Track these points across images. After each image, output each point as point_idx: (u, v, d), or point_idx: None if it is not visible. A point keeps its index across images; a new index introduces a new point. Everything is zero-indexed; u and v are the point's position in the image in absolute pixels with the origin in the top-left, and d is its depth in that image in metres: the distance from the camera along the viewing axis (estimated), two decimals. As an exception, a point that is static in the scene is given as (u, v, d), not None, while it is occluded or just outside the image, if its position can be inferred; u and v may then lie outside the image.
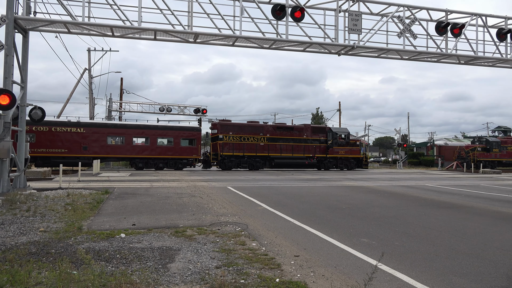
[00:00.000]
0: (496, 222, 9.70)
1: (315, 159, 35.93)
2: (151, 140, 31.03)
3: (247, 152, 33.43)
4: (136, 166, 31.00)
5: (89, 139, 29.26)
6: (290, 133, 35.67)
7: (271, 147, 34.24)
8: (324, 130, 37.60)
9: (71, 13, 14.32)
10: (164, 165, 31.63)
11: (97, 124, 30.73)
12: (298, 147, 35.29)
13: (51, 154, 28.05)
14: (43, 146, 27.90)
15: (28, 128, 27.35)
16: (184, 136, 32.00)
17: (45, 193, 13.20)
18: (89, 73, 38.36)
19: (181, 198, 13.06)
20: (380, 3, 17.79)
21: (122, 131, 30.49)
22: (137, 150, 30.90)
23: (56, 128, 28.46)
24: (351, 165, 37.49)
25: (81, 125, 29.37)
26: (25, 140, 14.80)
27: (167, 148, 31.54)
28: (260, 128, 34.80)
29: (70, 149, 28.59)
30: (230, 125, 34.13)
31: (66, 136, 28.62)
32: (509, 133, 60.01)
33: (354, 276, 5.32)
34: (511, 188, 19.62)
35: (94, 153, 29.13)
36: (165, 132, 31.69)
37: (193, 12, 15.51)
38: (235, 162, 33.41)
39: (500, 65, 20.62)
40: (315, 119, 67.13)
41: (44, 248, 6.37)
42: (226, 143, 32.84)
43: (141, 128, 31.23)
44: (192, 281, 4.96)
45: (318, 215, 10.20)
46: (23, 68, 14.42)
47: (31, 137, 27.11)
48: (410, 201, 13.72)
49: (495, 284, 5.08)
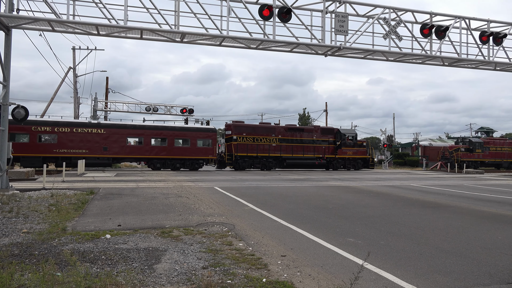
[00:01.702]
0: (479, 221, 9.88)
1: (324, 160, 36.86)
2: (169, 141, 31.55)
3: (260, 152, 34.22)
4: (154, 166, 31.44)
5: (109, 140, 29.67)
6: (301, 134, 36.58)
7: (283, 147, 35.11)
8: (332, 132, 38.51)
9: (56, 11, 14.10)
10: (181, 165, 32.18)
11: (117, 125, 31.04)
12: (309, 148, 36.28)
13: (72, 155, 28.46)
14: (64, 146, 28.39)
15: (49, 129, 28.04)
16: (200, 137, 32.53)
17: (28, 193, 12.97)
18: (73, 72, 37.85)
19: (167, 198, 12.97)
20: (366, 5, 17.95)
21: (141, 132, 30.93)
22: (155, 150, 31.30)
23: (78, 129, 28.93)
24: (358, 165, 38.53)
25: (101, 126, 29.83)
26: (7, 139, 14.49)
27: (184, 149, 32.02)
28: (272, 129, 35.76)
29: (91, 149, 29.02)
30: (244, 127, 34.87)
31: (87, 137, 29.05)
32: (492, 134, 61.18)
33: (341, 275, 5.36)
34: (494, 188, 20.02)
35: (114, 153, 29.68)
36: (183, 133, 32.27)
37: (180, 12, 15.43)
38: (249, 163, 34.17)
39: (482, 67, 21.04)
40: (302, 119, 67.33)
41: (27, 250, 6.26)
42: (240, 144, 33.50)
43: (160, 129, 31.78)
44: (179, 282, 4.93)
45: (305, 215, 10.25)
46: (6, 67, 14.13)
47: (53, 138, 28.14)
48: (395, 201, 13.88)
49: (477, 282, 5.18)
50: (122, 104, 39.67)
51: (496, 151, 45.48)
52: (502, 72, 23.06)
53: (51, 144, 28.25)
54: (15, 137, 27.20)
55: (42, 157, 27.65)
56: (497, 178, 30.15)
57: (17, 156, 26.86)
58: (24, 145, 27.46)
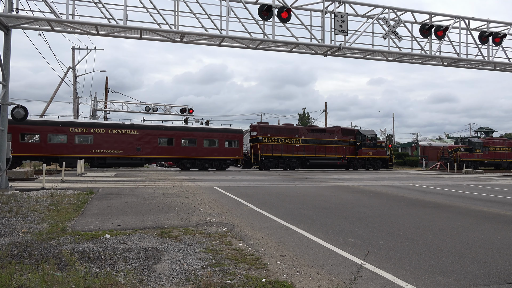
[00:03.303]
0: (479, 221, 9.88)
1: (346, 160, 37.60)
2: (198, 141, 32.33)
3: (285, 153, 34.94)
4: (184, 166, 32.19)
5: (142, 141, 30.40)
6: (322, 135, 37.25)
7: (306, 148, 35.78)
8: (353, 132, 39.26)
9: (55, 10, 14.10)
10: (210, 165, 32.88)
11: (150, 126, 31.75)
12: (330, 148, 37.01)
13: (107, 155, 29.30)
14: (100, 147, 29.13)
15: (86, 130, 28.82)
16: (228, 138, 33.27)
17: (28, 193, 12.96)
18: (73, 71, 37.83)
19: (167, 198, 12.97)
20: (365, 5, 17.96)
21: (172, 133, 31.64)
22: (186, 151, 31.99)
23: (112, 130, 29.61)
24: (378, 166, 39.23)
25: (134, 127, 30.51)
26: (6, 139, 14.48)
27: (212, 149, 32.77)
28: (296, 130, 36.59)
29: (124, 150, 29.77)
30: (268, 128, 35.68)
31: (121, 137, 29.74)
32: (491, 134, 61.25)
33: (340, 275, 5.36)
34: (493, 188, 20.03)
35: (147, 154, 30.52)
36: (211, 134, 32.95)
37: (179, 12, 15.43)
38: (273, 163, 34.83)
39: (482, 67, 21.05)
40: (302, 119, 67.36)
41: (26, 250, 6.26)
42: (265, 145, 34.25)
43: (189, 131, 32.64)
44: (178, 282, 4.93)
45: (305, 215, 10.25)
46: (5, 67, 14.12)
47: (89, 139, 28.90)
48: (394, 200, 13.88)
49: (477, 282, 5.18)
50: (122, 104, 39.69)
51: (495, 151, 45.49)
52: (501, 72, 23.09)
53: (87, 144, 29.13)
54: (53, 138, 28.19)
55: (79, 157, 28.49)
56: (497, 178, 30.17)
57: (56, 156, 27.89)
58: (62, 145, 28.33)
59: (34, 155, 28.15)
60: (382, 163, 39.60)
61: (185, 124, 34.89)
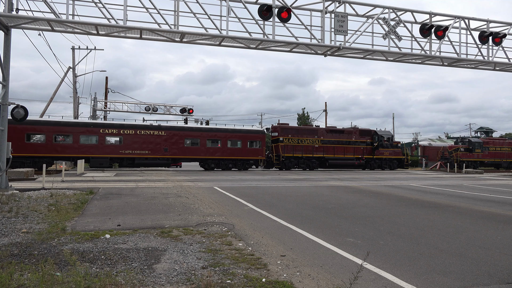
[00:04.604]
0: (479, 221, 9.88)
1: (363, 160, 38.32)
2: (222, 142, 33.16)
3: (305, 153, 35.69)
4: (208, 166, 32.88)
5: (169, 142, 31.19)
6: (341, 135, 37.97)
7: (325, 148, 36.58)
8: (370, 133, 39.74)
9: (55, 10, 14.10)
10: (233, 166, 33.52)
11: (177, 127, 32.64)
12: (348, 149, 37.74)
13: (136, 156, 30.16)
14: (129, 148, 29.97)
15: (116, 131, 29.54)
16: (251, 139, 34.06)
17: (28, 193, 12.96)
18: (73, 71, 37.81)
19: (167, 198, 12.97)
20: (365, 5, 17.95)
21: (197, 134, 32.55)
22: (210, 151, 32.79)
23: (141, 131, 30.44)
24: (394, 166, 39.91)
25: (162, 128, 31.34)
26: (6, 139, 14.48)
27: (236, 150, 33.51)
28: (315, 131, 37.50)
29: (152, 151, 30.58)
30: (289, 128, 36.67)
31: (149, 138, 30.57)
32: (491, 134, 61.22)
33: (340, 275, 5.36)
34: (493, 188, 20.03)
35: (173, 154, 31.30)
36: (235, 135, 33.76)
37: (179, 12, 15.42)
38: (294, 163, 35.57)
39: (482, 67, 21.04)
40: (301, 119, 67.28)
41: (26, 250, 6.26)
42: (286, 145, 35.00)
43: (214, 131, 33.40)
44: (178, 282, 4.93)
45: (305, 215, 10.25)
46: (5, 67, 14.12)
47: (118, 140, 29.83)
48: (394, 200, 13.88)
49: (477, 282, 5.18)
50: (122, 104, 39.70)
51: (495, 151, 45.48)
52: (501, 72, 23.08)
53: (117, 145, 29.85)
54: (84, 139, 28.84)
55: (109, 157, 29.44)
56: (497, 178, 30.17)
57: (87, 157, 28.67)
58: (93, 146, 29.07)
59: (67, 156, 28.86)
60: (398, 163, 40.34)
61: (209, 126, 35.59)
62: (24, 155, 26.74)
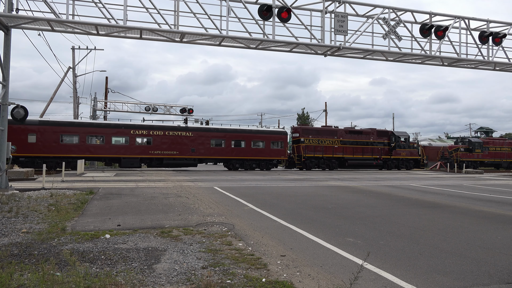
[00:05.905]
0: (479, 221, 9.88)
1: (381, 160, 38.96)
2: (246, 143, 33.90)
3: (325, 154, 36.43)
4: (233, 166, 33.60)
5: (196, 142, 32.11)
6: (359, 136, 38.62)
7: (344, 149, 37.29)
8: (387, 134, 40.35)
9: (55, 10, 14.09)
10: (256, 166, 34.26)
11: (203, 128, 33.47)
12: (367, 149, 38.49)
13: (165, 156, 31.01)
14: (158, 148, 30.80)
15: (146, 132, 30.25)
16: (274, 139, 34.83)
17: (28, 193, 12.96)
18: (73, 71, 37.79)
19: (167, 198, 12.97)
20: (365, 5, 17.95)
21: (222, 135, 33.34)
22: (235, 152, 33.60)
23: (169, 132, 31.37)
24: (410, 166, 40.57)
25: (189, 129, 32.25)
26: (6, 139, 14.48)
27: (260, 150, 34.28)
28: (334, 132, 38.00)
29: (180, 151, 31.46)
30: (310, 129, 37.99)
31: (177, 139, 31.48)
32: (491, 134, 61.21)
33: (340, 275, 5.36)
34: (493, 188, 20.03)
35: (200, 154, 32.21)
36: (259, 136, 34.57)
37: (179, 12, 15.42)
38: (315, 163, 36.31)
39: (482, 67, 21.04)
40: (301, 119, 67.30)
41: (26, 250, 6.26)
42: (308, 146, 35.79)
43: (239, 132, 34.23)
44: (178, 282, 4.93)
45: (305, 215, 10.25)
46: (5, 66, 14.12)
47: (148, 140, 30.68)
48: (394, 200, 13.88)
49: (477, 282, 5.18)
50: (122, 104, 39.69)
51: (495, 151, 45.48)
52: (502, 72, 23.08)
53: (146, 146, 30.50)
54: (116, 140, 29.54)
55: (139, 158, 30.09)
56: (497, 178, 30.17)
57: (118, 157, 29.38)
58: (124, 147, 29.76)
59: (98, 156, 29.44)
60: (414, 163, 40.88)
61: (235, 127, 36.13)
62: (59, 155, 27.32)
